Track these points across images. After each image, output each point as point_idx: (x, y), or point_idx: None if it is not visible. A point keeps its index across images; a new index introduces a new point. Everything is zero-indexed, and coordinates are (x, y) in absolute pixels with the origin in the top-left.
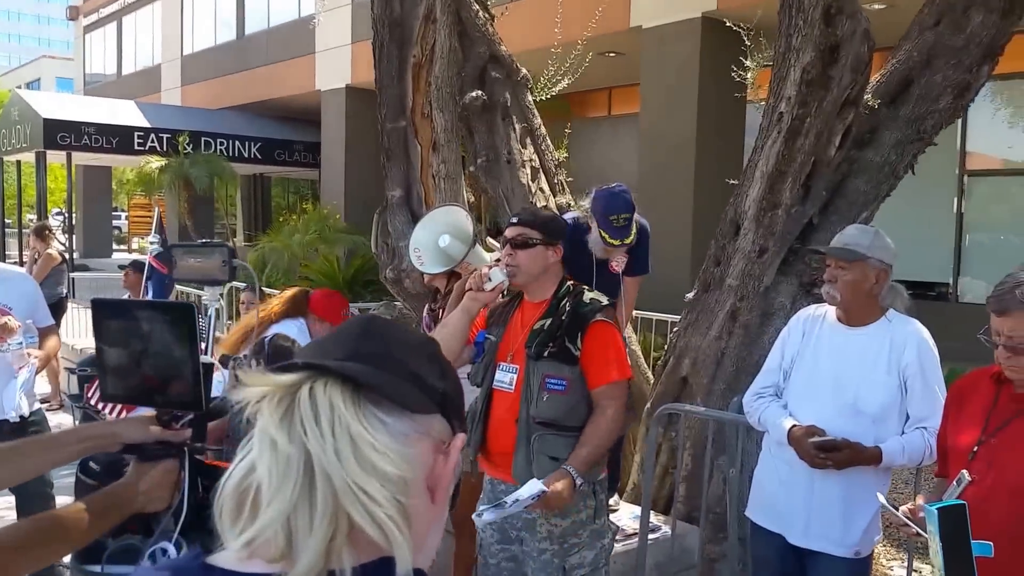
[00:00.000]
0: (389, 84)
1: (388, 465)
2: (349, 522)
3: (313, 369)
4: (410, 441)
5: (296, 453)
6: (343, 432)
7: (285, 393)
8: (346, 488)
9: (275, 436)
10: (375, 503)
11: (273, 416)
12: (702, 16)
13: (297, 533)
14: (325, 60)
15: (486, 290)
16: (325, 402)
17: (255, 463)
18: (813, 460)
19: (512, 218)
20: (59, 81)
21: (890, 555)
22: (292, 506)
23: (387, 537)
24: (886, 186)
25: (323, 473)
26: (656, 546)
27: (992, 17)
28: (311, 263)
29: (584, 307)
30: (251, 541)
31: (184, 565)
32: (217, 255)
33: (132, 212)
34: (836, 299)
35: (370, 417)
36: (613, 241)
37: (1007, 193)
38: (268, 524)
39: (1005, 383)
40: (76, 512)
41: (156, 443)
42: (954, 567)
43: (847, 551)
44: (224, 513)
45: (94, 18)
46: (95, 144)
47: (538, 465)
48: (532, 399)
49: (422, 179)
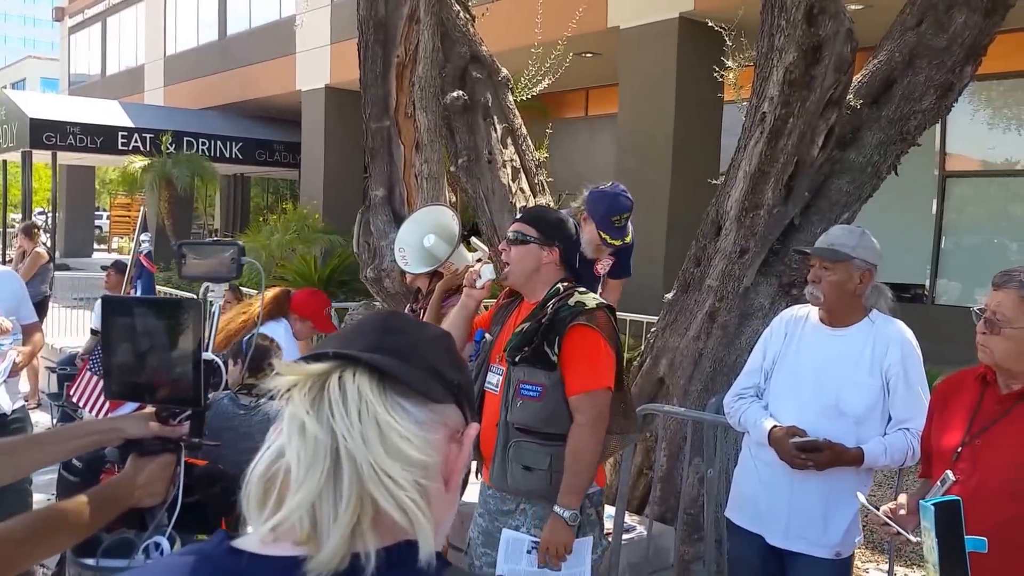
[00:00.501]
0: (373, 84)
1: (412, 450)
2: (374, 506)
3: (342, 359)
4: (429, 428)
5: (324, 437)
6: (370, 418)
7: (315, 381)
8: (371, 472)
9: (305, 420)
10: (399, 487)
11: (303, 402)
12: (679, 16)
13: (323, 517)
14: (305, 60)
15: (477, 286)
16: (354, 389)
17: (283, 449)
18: (794, 461)
19: (519, 213)
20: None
21: (865, 557)
22: (320, 489)
23: (410, 520)
24: (869, 187)
25: (350, 457)
26: (631, 547)
27: (975, 17)
28: (287, 263)
29: (566, 310)
30: (278, 526)
31: (210, 550)
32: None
33: (113, 212)
34: (819, 299)
35: (395, 406)
36: (614, 241)
37: (986, 195)
38: (296, 507)
39: (990, 384)
40: (79, 505)
41: (155, 438)
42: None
43: (828, 552)
44: (251, 499)
45: (79, 19)
46: (80, 144)
47: (511, 474)
48: (508, 404)
49: (405, 179)
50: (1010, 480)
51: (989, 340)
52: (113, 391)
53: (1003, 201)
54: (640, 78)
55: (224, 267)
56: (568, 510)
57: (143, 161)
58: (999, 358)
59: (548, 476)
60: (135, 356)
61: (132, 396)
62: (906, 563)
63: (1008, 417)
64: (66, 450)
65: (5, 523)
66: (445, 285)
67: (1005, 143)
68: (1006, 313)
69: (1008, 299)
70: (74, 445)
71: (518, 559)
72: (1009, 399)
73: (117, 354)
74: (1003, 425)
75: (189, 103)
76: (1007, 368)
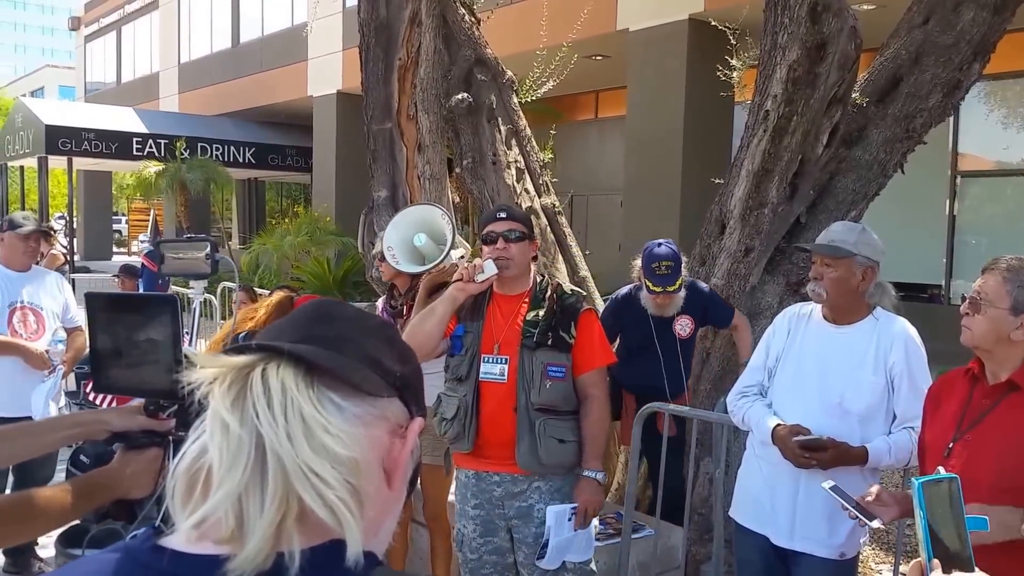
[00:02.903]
0: (375, 86)
1: (340, 447)
2: (300, 504)
3: (266, 351)
4: (365, 423)
5: (247, 435)
6: (295, 415)
7: (237, 375)
8: (297, 470)
9: (227, 418)
10: (326, 485)
11: (225, 398)
12: (689, 18)
13: (248, 514)
14: (317, 67)
15: (477, 281)
16: (277, 384)
17: (207, 445)
18: (798, 459)
19: (499, 213)
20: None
21: (879, 558)
22: (243, 487)
23: (338, 519)
24: (875, 185)
25: (275, 455)
26: (639, 546)
27: (983, 14)
28: (302, 264)
29: (570, 298)
30: (201, 522)
31: (135, 547)
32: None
33: (132, 216)
34: (822, 297)
35: (323, 399)
36: (655, 288)
37: (1000, 194)
38: (218, 505)
39: (979, 379)
40: (58, 492)
41: (142, 432)
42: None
43: (832, 552)
44: (176, 494)
45: (94, 28)
46: (95, 150)
47: (546, 448)
48: (534, 387)
49: (407, 180)
50: (1000, 472)
51: (971, 320)
52: (100, 384)
53: (1017, 200)
54: (650, 80)
55: (199, 263)
56: (599, 472)
57: (158, 166)
58: (977, 338)
59: (577, 447)
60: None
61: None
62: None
63: (996, 409)
64: (53, 440)
65: None
66: (431, 282)
67: (1019, 142)
68: (988, 294)
69: (992, 280)
70: (58, 436)
71: (563, 528)
72: (997, 391)
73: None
74: (992, 418)
75: (203, 109)
76: (987, 351)
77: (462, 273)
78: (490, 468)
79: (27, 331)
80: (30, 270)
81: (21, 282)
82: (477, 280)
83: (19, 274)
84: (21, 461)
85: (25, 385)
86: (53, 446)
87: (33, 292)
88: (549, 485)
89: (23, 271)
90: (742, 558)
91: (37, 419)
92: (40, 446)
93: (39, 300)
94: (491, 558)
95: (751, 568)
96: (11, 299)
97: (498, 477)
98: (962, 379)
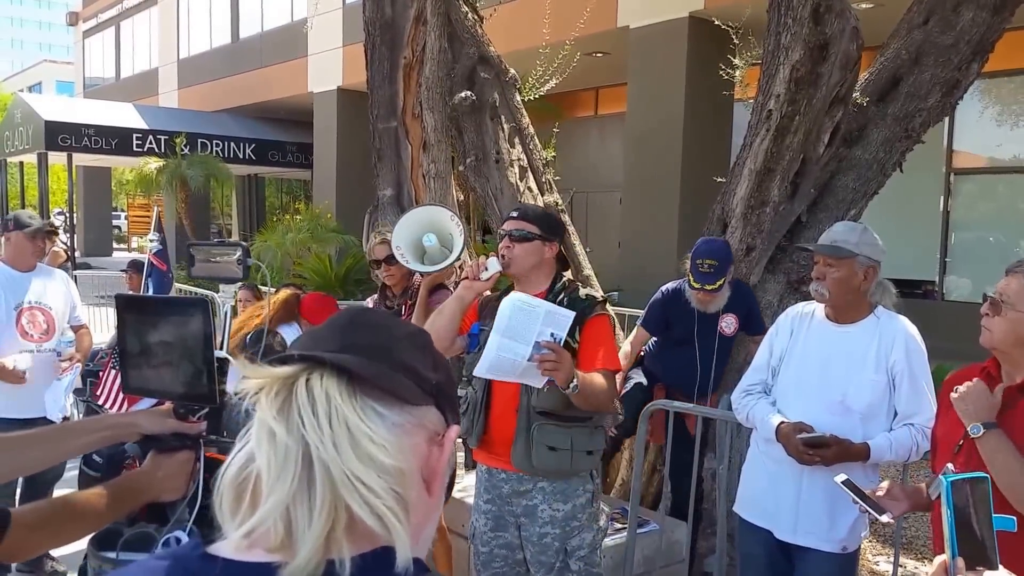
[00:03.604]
0: (380, 85)
1: (385, 457)
2: (348, 513)
3: (309, 361)
4: (406, 432)
5: (294, 444)
6: (340, 423)
7: (282, 385)
8: (344, 478)
9: (274, 427)
10: (374, 494)
11: (271, 407)
12: (689, 16)
13: (296, 523)
14: (317, 63)
15: (482, 279)
16: (322, 394)
17: (254, 453)
18: (801, 456)
19: (512, 212)
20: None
21: (876, 550)
22: (291, 496)
23: (387, 527)
24: (875, 183)
25: (321, 464)
26: (644, 540)
27: (983, 14)
28: (304, 261)
29: (582, 302)
30: (251, 531)
31: (184, 554)
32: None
33: (131, 212)
34: (825, 296)
35: (367, 409)
36: (695, 284)
37: (994, 191)
38: (268, 514)
39: (994, 379)
40: (94, 496)
41: (173, 435)
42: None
43: (835, 546)
44: (224, 503)
45: (93, 23)
46: (95, 146)
47: (537, 454)
48: (533, 389)
49: (412, 178)
50: None
51: (991, 321)
52: (130, 387)
53: (1011, 198)
54: (650, 77)
55: (230, 268)
56: (576, 386)
57: (158, 163)
58: (998, 339)
59: (570, 456)
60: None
61: (149, 392)
62: (916, 556)
63: (1011, 410)
64: (84, 443)
65: (19, 508)
66: (431, 281)
67: (1013, 140)
68: (1011, 295)
69: (1015, 282)
70: (90, 439)
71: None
72: (1011, 392)
73: (132, 352)
74: (1006, 418)
75: (202, 105)
76: (1004, 352)
77: (468, 272)
78: (498, 465)
79: (37, 331)
80: (35, 269)
81: (27, 282)
82: (481, 278)
83: (24, 274)
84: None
85: (40, 386)
86: (85, 449)
87: (41, 291)
88: (553, 487)
89: (29, 271)
90: (746, 552)
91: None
92: (72, 449)
93: (47, 299)
94: (501, 552)
95: (755, 562)
96: (18, 299)
97: (505, 475)
98: (977, 376)
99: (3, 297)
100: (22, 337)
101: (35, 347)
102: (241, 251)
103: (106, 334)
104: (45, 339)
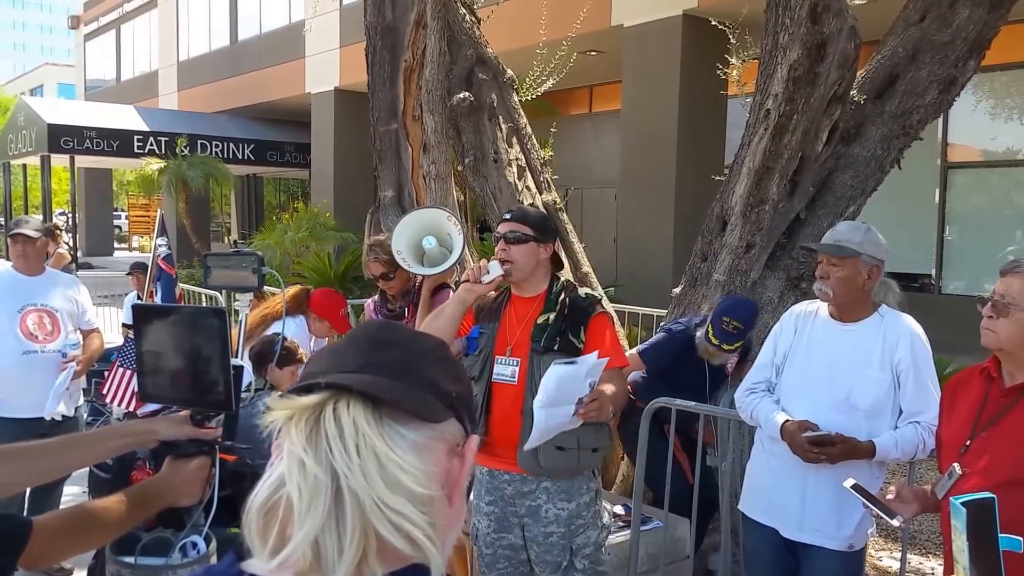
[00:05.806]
0: (381, 88)
1: (415, 484)
2: (378, 538)
3: (334, 388)
4: (428, 448)
5: (324, 474)
6: (368, 452)
7: (310, 415)
8: (374, 506)
9: (303, 457)
10: (405, 519)
11: (300, 438)
12: (683, 14)
13: (325, 551)
14: (314, 64)
15: (483, 282)
16: (349, 422)
17: (283, 480)
18: (806, 454)
19: (505, 215)
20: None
21: (879, 546)
22: (322, 525)
23: (420, 549)
24: (873, 181)
25: (351, 492)
26: (648, 537)
27: (979, 11)
28: (303, 260)
29: (583, 301)
30: (283, 562)
31: (221, 571)
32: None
33: (132, 212)
34: (829, 295)
35: (392, 434)
36: (714, 340)
37: (988, 185)
38: (300, 543)
39: (994, 379)
40: (114, 503)
41: (189, 441)
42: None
43: (841, 544)
44: (253, 530)
45: (94, 26)
46: (96, 147)
47: (545, 455)
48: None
49: (413, 180)
50: (1013, 470)
51: (995, 324)
52: (147, 394)
53: (1005, 191)
54: (644, 75)
55: (246, 277)
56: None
57: (159, 164)
58: (1004, 341)
59: (577, 455)
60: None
61: (165, 399)
62: (920, 551)
63: (1013, 411)
64: (104, 451)
65: (41, 516)
66: (433, 282)
67: (1007, 133)
68: (1015, 296)
69: (1017, 283)
70: (112, 446)
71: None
72: (1013, 392)
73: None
74: (1009, 418)
75: (202, 107)
76: (1011, 353)
77: (469, 274)
78: (501, 467)
79: (43, 333)
80: (43, 273)
81: (34, 286)
82: (483, 281)
83: (31, 278)
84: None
85: (45, 387)
86: (109, 455)
87: (47, 295)
88: (557, 486)
89: (35, 275)
90: (752, 550)
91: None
92: (92, 456)
93: (53, 302)
94: (505, 552)
95: (761, 559)
96: (24, 302)
97: (508, 476)
98: (977, 377)
99: (8, 300)
100: (26, 338)
101: (39, 348)
102: (255, 260)
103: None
104: (49, 340)
